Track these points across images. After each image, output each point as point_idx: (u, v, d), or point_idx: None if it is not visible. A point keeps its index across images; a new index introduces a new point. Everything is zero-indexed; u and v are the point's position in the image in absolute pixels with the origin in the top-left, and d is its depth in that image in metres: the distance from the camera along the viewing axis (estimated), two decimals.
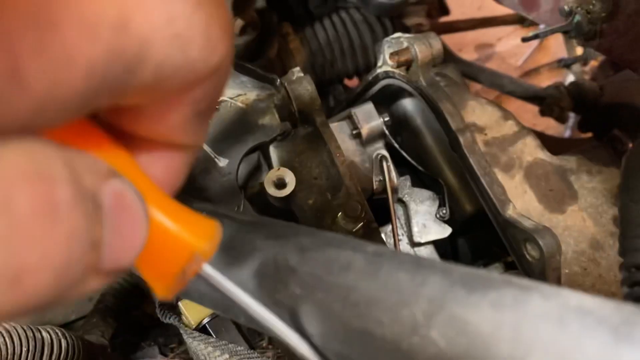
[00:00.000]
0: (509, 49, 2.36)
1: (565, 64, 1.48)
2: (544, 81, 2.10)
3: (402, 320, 0.21)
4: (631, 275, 0.43)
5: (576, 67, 1.47)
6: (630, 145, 0.81)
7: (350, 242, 0.26)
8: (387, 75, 0.79)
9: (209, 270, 0.23)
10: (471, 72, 1.37)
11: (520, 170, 0.70)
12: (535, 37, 0.85)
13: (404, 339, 0.21)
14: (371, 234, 0.66)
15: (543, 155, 0.72)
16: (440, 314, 0.21)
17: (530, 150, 0.72)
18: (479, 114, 0.73)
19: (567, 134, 1.81)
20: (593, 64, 1.70)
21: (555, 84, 1.37)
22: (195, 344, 0.53)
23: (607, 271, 0.66)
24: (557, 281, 0.63)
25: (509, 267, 0.76)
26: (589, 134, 1.39)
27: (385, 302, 0.22)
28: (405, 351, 0.21)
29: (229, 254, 0.27)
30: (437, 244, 0.77)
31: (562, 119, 1.36)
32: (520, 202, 0.68)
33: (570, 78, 1.60)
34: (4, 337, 0.51)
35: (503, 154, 0.71)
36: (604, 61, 1.51)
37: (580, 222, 0.68)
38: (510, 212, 0.67)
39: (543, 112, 1.35)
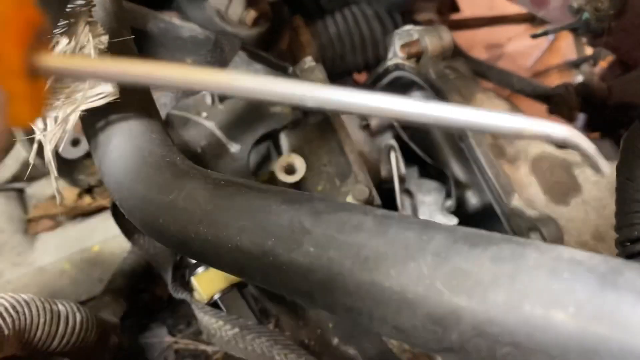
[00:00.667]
0: (519, 49, 2.37)
1: (574, 64, 1.49)
2: (554, 82, 2.10)
3: (408, 272, 0.23)
4: (625, 249, 0.45)
5: (585, 67, 1.48)
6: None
7: (361, 207, 0.29)
8: (397, 67, 0.80)
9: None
10: (480, 70, 1.39)
11: (526, 162, 0.72)
12: (544, 33, 0.87)
13: (409, 289, 0.23)
14: None
15: (549, 148, 0.73)
16: (444, 266, 0.22)
17: (537, 143, 0.73)
18: (487, 106, 0.75)
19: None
20: (602, 65, 1.70)
21: (564, 83, 1.38)
22: (206, 318, 0.55)
23: None
24: None
25: None
26: (597, 134, 1.40)
27: (394, 257, 0.24)
28: (410, 300, 0.23)
29: (243, 215, 0.29)
30: None
31: (570, 119, 1.36)
32: (526, 193, 0.70)
33: (579, 79, 1.61)
34: (23, 307, 0.53)
35: (510, 146, 0.73)
36: (613, 62, 1.51)
37: (583, 214, 0.70)
38: (515, 202, 0.68)
39: (552, 111, 1.36)
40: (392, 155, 0.75)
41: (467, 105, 0.73)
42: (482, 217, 0.82)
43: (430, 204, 0.79)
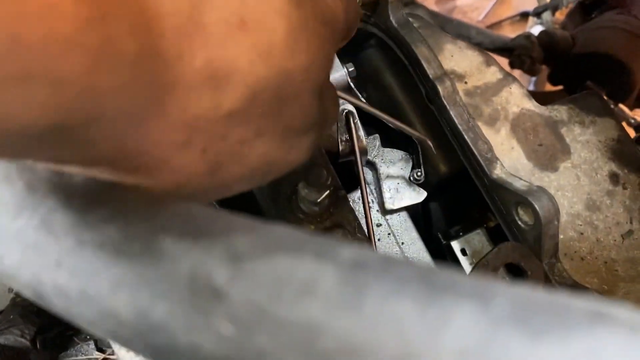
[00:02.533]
0: (470, 2, 2.28)
1: (534, 13, 1.39)
2: (507, 35, 2.03)
3: None
4: None
5: (546, 15, 1.39)
6: (605, 96, 0.73)
7: (314, 244, 0.15)
8: None
9: None
10: (437, 23, 1.27)
11: (506, 123, 0.61)
12: None
13: None
14: (338, 204, 0.56)
15: (530, 105, 0.63)
16: None
17: (517, 100, 0.63)
18: (458, 59, 0.63)
19: (529, 88, 1.75)
20: (559, 15, 1.62)
21: (525, 33, 1.29)
22: None
23: (606, 235, 0.58)
24: (555, 249, 0.55)
25: (492, 234, 0.67)
26: (559, 87, 1.32)
27: (378, 356, 0.12)
28: None
29: (116, 262, 0.16)
30: (409, 210, 0.68)
31: (532, 71, 1.28)
32: (508, 159, 0.59)
33: (535, 30, 1.52)
34: None
35: (486, 105, 0.62)
36: (572, 10, 1.43)
37: (574, 180, 0.60)
38: (498, 172, 0.58)
39: (513, 64, 1.26)
40: (352, 124, 0.62)
41: (436, 56, 0.61)
42: (451, 187, 0.71)
43: (396, 176, 0.68)
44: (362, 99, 0.68)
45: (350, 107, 0.64)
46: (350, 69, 0.65)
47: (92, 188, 0.19)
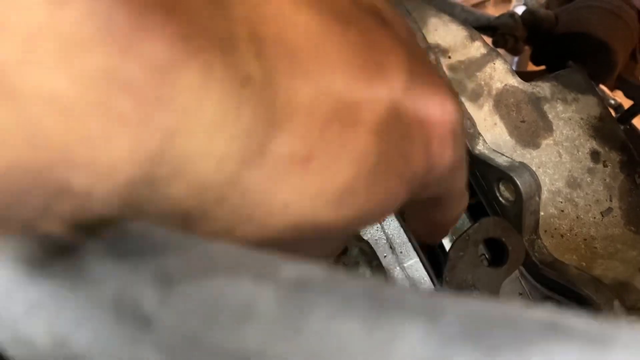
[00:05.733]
0: None
1: None
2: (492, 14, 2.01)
3: None
4: None
5: None
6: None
7: (254, 262, 0.14)
8: None
9: None
10: None
11: (489, 99, 0.60)
12: None
13: None
14: None
15: (514, 81, 0.62)
16: None
17: (500, 76, 0.62)
18: (442, 33, 0.62)
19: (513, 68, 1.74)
20: None
21: (509, 12, 1.28)
22: None
23: (585, 212, 0.58)
24: (535, 226, 0.54)
25: (472, 210, 0.67)
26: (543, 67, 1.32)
27: None
28: None
29: (32, 283, 0.15)
30: None
31: (515, 50, 1.27)
32: (490, 135, 0.58)
33: (518, 10, 1.51)
34: None
35: (470, 80, 0.60)
36: None
37: (555, 157, 0.59)
38: (480, 148, 0.57)
39: (496, 43, 1.25)
40: None
41: (420, 29, 0.60)
42: None
43: None
44: None
45: None
46: None
47: None
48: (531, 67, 1.39)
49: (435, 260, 0.65)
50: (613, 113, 1.09)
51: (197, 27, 0.14)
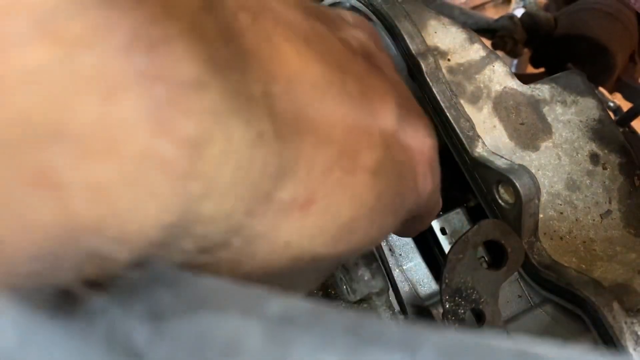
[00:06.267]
0: None
1: None
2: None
3: None
4: None
5: None
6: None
7: (241, 297, 0.14)
8: None
9: None
10: (421, 0, 1.26)
11: (489, 101, 0.60)
12: None
13: None
14: None
15: (513, 83, 0.62)
16: None
17: (499, 79, 0.62)
18: (442, 35, 0.62)
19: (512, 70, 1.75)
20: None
21: (508, 14, 1.28)
22: None
23: (585, 215, 0.58)
24: (534, 228, 0.54)
25: (472, 213, 0.67)
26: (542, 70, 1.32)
27: None
28: None
29: (25, 318, 0.15)
30: None
31: (515, 53, 1.27)
32: (489, 138, 0.58)
33: (517, 13, 1.51)
34: None
35: (469, 82, 0.60)
36: None
37: (555, 160, 0.59)
38: (479, 150, 0.57)
39: (495, 46, 1.25)
40: None
41: (419, 32, 0.60)
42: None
43: None
44: None
45: None
46: None
47: None
48: (530, 70, 1.39)
49: (434, 262, 0.65)
50: (612, 116, 1.10)
51: (225, 96, 0.15)
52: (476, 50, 0.62)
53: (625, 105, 1.12)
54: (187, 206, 0.14)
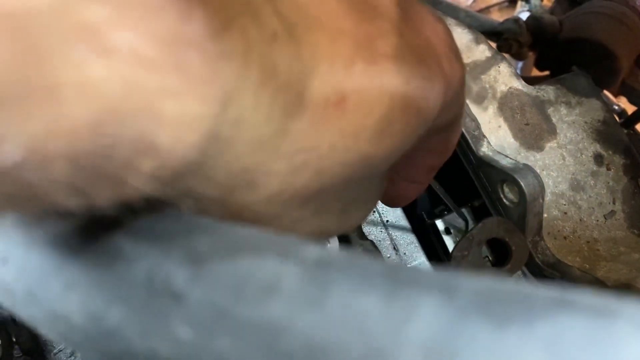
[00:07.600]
0: None
1: None
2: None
3: None
4: None
5: (534, 0, 1.39)
6: None
7: (277, 243, 0.15)
8: None
9: None
10: (425, 3, 1.26)
11: (494, 102, 0.61)
12: None
13: None
14: None
15: (518, 84, 0.62)
16: None
17: (505, 79, 0.62)
18: None
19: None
20: (546, 1, 1.62)
21: (513, 17, 1.28)
22: None
23: (589, 215, 0.58)
24: (539, 227, 0.55)
25: (477, 212, 0.67)
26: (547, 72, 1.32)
27: (343, 353, 0.11)
28: None
29: (68, 264, 0.15)
30: None
31: (519, 56, 1.27)
32: (494, 137, 0.59)
33: (523, 16, 1.51)
34: None
35: (475, 83, 0.61)
36: None
37: (559, 160, 0.60)
38: (484, 150, 0.57)
39: (500, 48, 1.26)
40: None
41: None
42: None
43: None
44: None
45: None
46: None
47: None
48: (535, 73, 1.40)
49: (438, 260, 0.65)
50: (617, 119, 1.10)
51: (228, 1, 0.15)
52: (482, 51, 0.62)
53: (630, 109, 1.12)
54: (224, 102, 0.14)
